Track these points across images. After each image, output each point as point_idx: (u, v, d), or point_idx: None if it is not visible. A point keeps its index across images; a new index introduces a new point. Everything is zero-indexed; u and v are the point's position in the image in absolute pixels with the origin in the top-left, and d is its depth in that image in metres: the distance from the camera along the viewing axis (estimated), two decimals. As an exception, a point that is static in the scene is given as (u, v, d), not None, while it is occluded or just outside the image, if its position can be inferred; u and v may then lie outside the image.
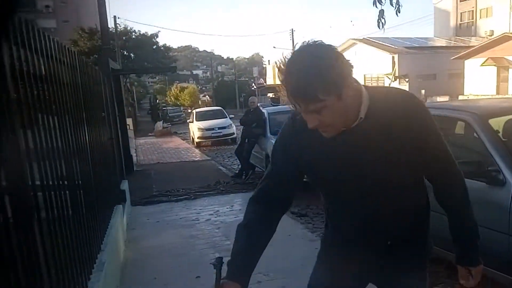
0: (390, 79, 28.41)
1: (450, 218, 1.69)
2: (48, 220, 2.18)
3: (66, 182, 2.66)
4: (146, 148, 18.88)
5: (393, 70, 28.46)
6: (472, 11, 37.13)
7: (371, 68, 28.96)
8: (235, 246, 1.63)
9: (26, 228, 1.78)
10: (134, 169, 11.26)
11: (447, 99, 19.56)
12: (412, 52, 28.86)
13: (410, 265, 1.68)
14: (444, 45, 31.98)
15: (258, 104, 10.46)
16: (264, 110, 9.66)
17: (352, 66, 1.41)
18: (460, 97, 22.07)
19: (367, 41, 30.65)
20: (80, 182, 3.09)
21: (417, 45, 30.65)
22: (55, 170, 2.42)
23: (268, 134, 8.78)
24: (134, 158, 13.03)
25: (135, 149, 16.63)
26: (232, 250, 1.62)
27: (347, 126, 1.47)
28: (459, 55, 25.50)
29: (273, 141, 7.28)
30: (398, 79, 28.32)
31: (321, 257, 1.87)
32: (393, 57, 28.43)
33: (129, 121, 16.56)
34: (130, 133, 16.10)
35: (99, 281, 2.90)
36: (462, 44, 30.62)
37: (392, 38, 30.72)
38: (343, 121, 1.46)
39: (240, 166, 9.95)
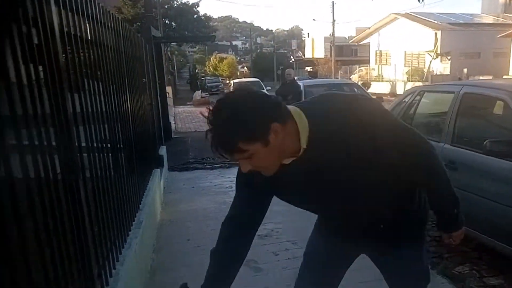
0: (431, 56, 27.52)
1: (428, 193, 1.75)
2: (92, 179, 2.38)
3: (108, 145, 2.86)
4: (184, 116, 19.26)
5: (435, 47, 27.53)
6: (525, -14, 35.10)
7: (412, 45, 28.13)
8: (207, 272, 1.68)
9: (72, 186, 1.95)
10: (172, 136, 11.59)
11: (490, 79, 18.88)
12: (456, 28, 27.78)
13: (400, 240, 1.75)
14: (491, 22, 30.55)
15: (295, 77, 10.48)
16: (300, 83, 9.68)
17: (278, 107, 1.39)
18: (505, 77, 21.23)
19: (409, 16, 29.65)
20: (121, 145, 3.29)
21: (462, 22, 29.45)
22: (99, 133, 2.62)
23: (303, 107, 8.83)
24: (173, 126, 13.36)
25: (174, 117, 16.99)
26: (205, 276, 1.68)
27: (293, 156, 1.48)
28: (506, 33, 24.33)
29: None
30: (439, 57, 27.41)
31: (317, 228, 1.99)
32: (435, 34, 27.47)
33: (168, 89, 16.87)
34: (169, 101, 16.42)
35: (137, 237, 3.13)
36: (510, 22, 29.15)
37: (436, 13, 29.59)
38: (280, 159, 1.46)
39: (274, 137, 10.07)
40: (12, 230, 1.28)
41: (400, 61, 29.94)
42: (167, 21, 36.66)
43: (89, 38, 2.59)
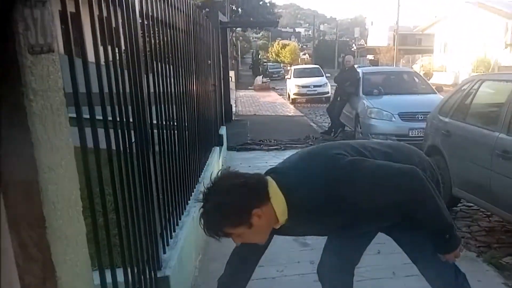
0: (501, 47, 26.00)
1: (424, 226, 1.83)
2: (160, 153, 2.68)
3: (175, 123, 3.15)
4: (244, 100, 19.64)
5: (505, 37, 25.95)
6: None
7: (480, 34, 26.61)
8: None
9: (144, 158, 2.21)
10: (232, 118, 11.95)
11: None
12: (531, 18, 25.96)
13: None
14: None
15: (354, 65, 10.43)
16: (359, 70, 9.64)
17: (258, 193, 1.55)
18: None
19: (482, 4, 28.02)
20: (186, 123, 3.59)
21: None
22: (168, 111, 2.90)
23: (361, 94, 8.82)
24: (233, 109, 13.73)
25: (235, 100, 17.40)
26: None
27: (276, 226, 1.65)
28: None
29: (365, 101, 7.48)
30: (510, 47, 25.82)
31: None
32: (506, 23, 25.85)
33: (231, 73, 17.27)
34: (232, 85, 16.83)
35: (195, 206, 3.42)
36: None
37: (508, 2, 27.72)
38: (268, 230, 1.64)
39: (330, 123, 10.14)
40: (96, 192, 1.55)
41: (466, 51, 28.52)
42: (233, 7, 37.18)
43: (165, 20, 2.83)
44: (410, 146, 2.08)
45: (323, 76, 19.76)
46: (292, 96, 18.88)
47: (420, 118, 7.46)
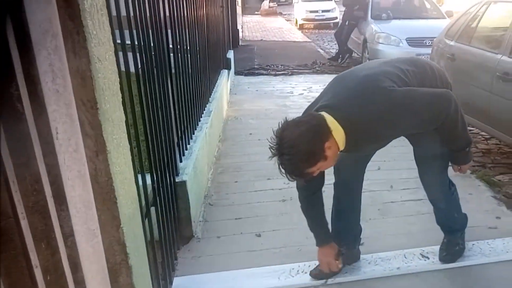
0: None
1: (447, 140, 2.12)
2: (175, 73, 2.83)
3: (188, 47, 3.27)
4: (251, 25, 19.30)
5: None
6: None
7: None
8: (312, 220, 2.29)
9: (162, 78, 2.37)
10: (239, 43, 11.89)
11: None
12: None
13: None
14: None
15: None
16: (369, -7, 9.43)
17: (323, 131, 1.73)
18: None
19: None
20: (198, 47, 3.70)
21: None
22: (182, 36, 3.01)
23: (369, 18, 8.70)
24: (240, 34, 13.59)
25: (241, 26, 17.11)
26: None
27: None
28: None
29: (373, 26, 7.44)
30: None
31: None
32: None
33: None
34: (238, 10, 16.47)
35: (207, 123, 3.63)
36: None
37: None
38: (335, 158, 1.84)
39: (337, 49, 10.09)
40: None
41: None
42: None
43: None
44: (430, 62, 2.33)
45: (331, 0, 19.21)
46: (299, 22, 18.50)
47: (427, 44, 7.43)
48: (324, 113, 1.82)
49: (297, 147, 1.68)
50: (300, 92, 6.84)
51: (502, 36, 4.03)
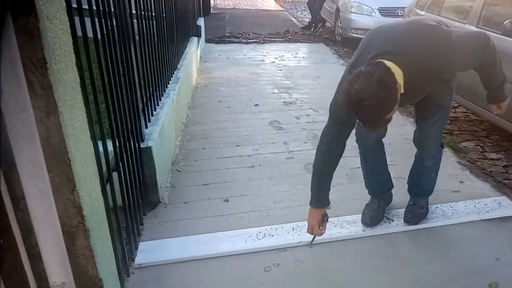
0: None
1: (486, 77, 2.23)
2: (140, 40, 2.75)
3: (153, 14, 3.17)
4: (223, -7, 18.91)
5: None
6: None
7: None
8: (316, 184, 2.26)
9: (125, 44, 2.29)
10: (211, 11, 11.64)
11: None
12: None
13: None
14: None
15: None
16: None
17: (391, 78, 1.72)
18: None
19: None
20: (164, 14, 3.59)
21: None
22: (146, 2, 2.91)
23: (342, -13, 8.63)
24: (212, 2, 13.29)
25: (213, -7, 16.75)
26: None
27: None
28: None
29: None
30: None
31: None
32: None
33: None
34: (209, -24, 16.08)
35: (175, 89, 3.56)
36: None
37: None
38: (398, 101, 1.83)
39: (310, 18, 10.00)
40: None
41: None
42: None
43: None
44: None
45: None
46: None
47: (399, 14, 7.47)
48: (386, 61, 1.81)
49: (376, 96, 1.67)
50: (272, 60, 6.77)
51: (470, 7, 4.06)
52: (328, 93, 5.13)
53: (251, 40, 8.14)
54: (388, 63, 1.79)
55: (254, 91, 5.12)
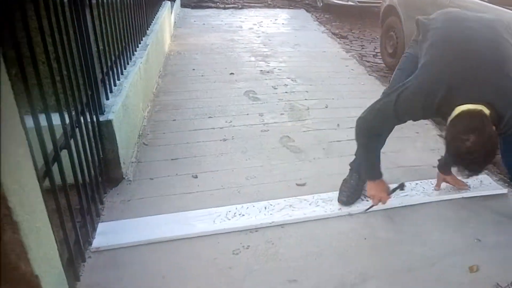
0: None
1: None
2: (97, 3, 2.49)
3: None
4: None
5: None
6: None
7: None
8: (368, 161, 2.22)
9: (77, 7, 2.06)
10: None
11: None
12: None
13: None
14: None
15: None
16: None
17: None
18: None
19: None
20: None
21: None
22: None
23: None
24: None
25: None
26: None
27: None
28: None
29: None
30: None
31: None
32: None
33: None
34: None
35: (142, 57, 3.31)
36: None
37: None
38: None
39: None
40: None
41: None
42: None
43: None
44: None
45: None
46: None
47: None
48: (481, 109, 1.68)
49: (491, 153, 1.67)
50: (250, 26, 6.50)
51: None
52: (307, 61, 5.00)
53: (229, 5, 7.82)
54: (485, 110, 1.68)
55: (230, 59, 4.88)
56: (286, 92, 3.97)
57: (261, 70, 4.56)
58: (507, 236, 2.23)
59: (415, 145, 3.15)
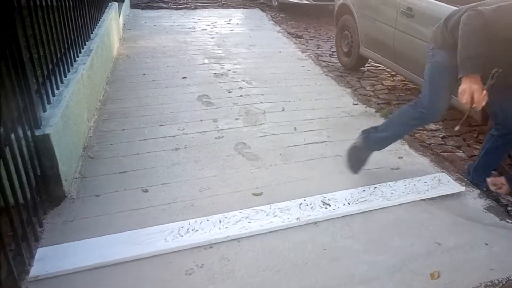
0: None
1: None
2: (28, 5, 2.29)
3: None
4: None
5: None
6: None
7: None
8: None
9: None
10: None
11: None
12: None
13: None
14: None
15: None
16: None
17: None
18: None
19: None
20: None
21: None
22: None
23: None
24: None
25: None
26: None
27: None
28: None
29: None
30: None
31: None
32: None
33: None
34: None
35: (85, 63, 3.10)
36: None
37: None
38: None
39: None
40: None
41: None
42: None
43: None
44: None
45: None
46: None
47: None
48: None
49: None
50: (203, 27, 6.35)
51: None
52: (263, 62, 4.88)
53: (182, 6, 7.63)
54: None
55: (183, 62, 4.71)
56: (241, 96, 3.85)
57: (215, 73, 4.42)
58: (466, 237, 2.21)
59: (373, 146, 3.10)
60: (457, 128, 2.13)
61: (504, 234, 2.25)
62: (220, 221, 2.23)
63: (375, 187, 2.55)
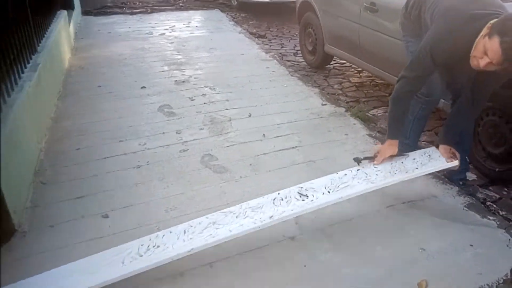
0: None
1: None
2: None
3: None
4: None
5: None
6: None
7: None
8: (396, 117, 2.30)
9: None
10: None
11: None
12: None
13: None
14: None
15: None
16: None
17: None
18: None
19: None
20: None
21: None
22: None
23: None
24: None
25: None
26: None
27: None
28: None
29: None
30: None
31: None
32: None
33: None
34: None
35: (31, 80, 2.84)
36: None
37: None
38: None
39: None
40: None
41: None
42: None
43: None
44: None
45: None
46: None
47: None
48: None
49: None
50: (161, 32, 6.12)
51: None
52: (225, 66, 4.68)
53: (137, 10, 7.36)
54: None
55: (141, 71, 4.48)
56: (204, 103, 3.67)
57: (176, 80, 4.21)
58: (449, 239, 2.12)
59: (345, 148, 2.99)
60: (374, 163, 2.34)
61: (487, 233, 2.17)
62: (184, 232, 1.96)
63: (358, 170, 2.30)
